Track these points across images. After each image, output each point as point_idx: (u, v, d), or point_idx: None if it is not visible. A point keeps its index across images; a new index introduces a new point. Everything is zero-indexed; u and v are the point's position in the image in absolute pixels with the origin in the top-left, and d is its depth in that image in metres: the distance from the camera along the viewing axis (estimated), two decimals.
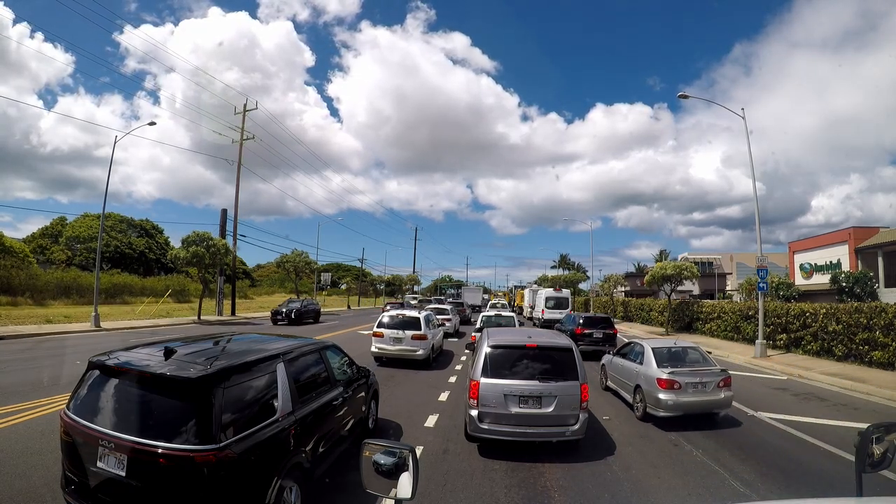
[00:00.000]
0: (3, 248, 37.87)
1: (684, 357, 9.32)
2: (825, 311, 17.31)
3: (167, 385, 3.82)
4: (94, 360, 4.23)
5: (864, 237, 35.53)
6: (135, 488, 3.59)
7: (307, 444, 4.79)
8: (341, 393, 5.96)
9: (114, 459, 3.64)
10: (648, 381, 8.83)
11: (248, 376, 4.29)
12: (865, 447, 2.29)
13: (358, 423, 6.64)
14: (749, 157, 19.06)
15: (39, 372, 11.68)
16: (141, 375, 3.93)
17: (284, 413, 4.49)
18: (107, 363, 4.13)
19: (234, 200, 38.23)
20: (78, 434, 3.87)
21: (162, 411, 3.86)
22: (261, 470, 4.01)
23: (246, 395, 4.21)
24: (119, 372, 4.05)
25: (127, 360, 4.15)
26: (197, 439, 3.58)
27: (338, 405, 5.77)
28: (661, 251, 75.95)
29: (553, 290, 37.69)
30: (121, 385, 4.00)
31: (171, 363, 4.03)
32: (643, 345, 9.86)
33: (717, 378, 8.63)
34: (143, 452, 3.55)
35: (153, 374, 3.88)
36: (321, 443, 5.15)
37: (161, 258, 57.16)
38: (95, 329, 22.30)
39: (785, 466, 6.59)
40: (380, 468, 2.18)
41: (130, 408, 3.91)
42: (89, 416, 3.90)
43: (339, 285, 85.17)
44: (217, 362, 4.13)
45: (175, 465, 3.51)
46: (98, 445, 3.70)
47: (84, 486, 3.81)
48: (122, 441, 3.62)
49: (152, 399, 3.91)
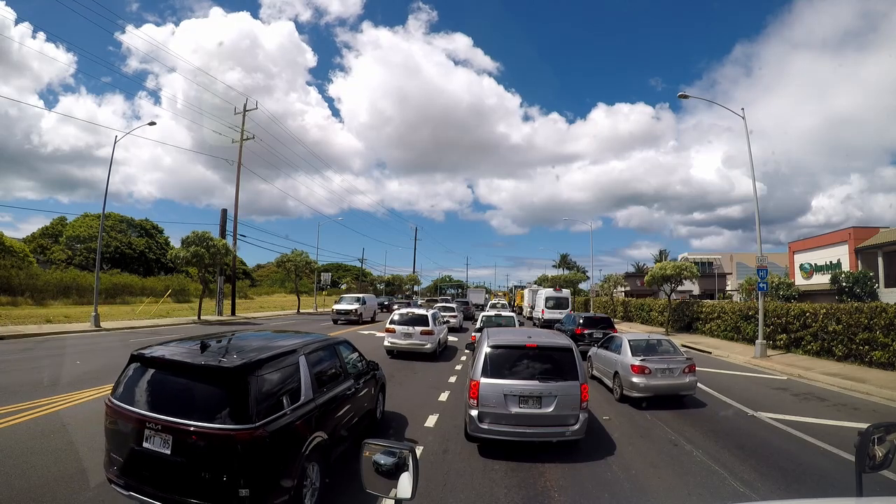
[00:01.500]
0: (3, 247, 37.87)
1: (657, 348, 10.76)
2: (825, 311, 17.31)
3: (209, 374, 4.32)
4: (136, 353, 4.71)
5: (864, 237, 35.52)
6: (178, 464, 4.01)
7: (326, 428, 5.25)
8: (353, 384, 6.50)
9: (159, 440, 4.09)
10: (624, 367, 10.26)
11: (276, 366, 4.78)
12: (865, 447, 2.29)
13: (368, 413, 7.12)
14: (749, 157, 19.08)
15: (39, 372, 11.68)
16: (183, 366, 4.42)
17: (306, 399, 5.00)
18: (149, 356, 4.61)
19: (234, 200, 38.26)
20: (123, 419, 4.31)
21: (203, 396, 4.28)
22: (288, 448, 4.49)
23: (275, 382, 4.68)
24: (162, 363, 4.53)
25: (168, 353, 4.64)
26: (235, 420, 4.05)
27: (350, 395, 6.27)
28: (660, 251, 75.98)
29: (553, 290, 37.67)
30: (163, 375, 4.49)
31: (208, 355, 4.57)
32: (622, 337, 11.31)
33: (683, 365, 10.07)
34: (187, 432, 4.01)
35: (196, 365, 4.38)
36: (337, 428, 5.66)
37: (161, 258, 57.17)
38: (95, 329, 22.30)
39: (785, 466, 6.59)
40: (380, 468, 2.18)
41: (174, 394, 4.35)
42: (135, 403, 4.34)
43: (339, 285, 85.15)
44: (250, 354, 4.66)
45: (216, 443, 3.99)
46: (144, 428, 4.13)
47: (128, 466, 4.26)
48: (169, 423, 4.06)
49: (194, 386, 4.36)
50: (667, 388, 9.90)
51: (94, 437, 6.81)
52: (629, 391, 10.02)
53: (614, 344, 11.49)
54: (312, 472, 4.85)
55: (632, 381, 9.91)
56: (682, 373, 10.00)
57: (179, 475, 4.05)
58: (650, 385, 9.78)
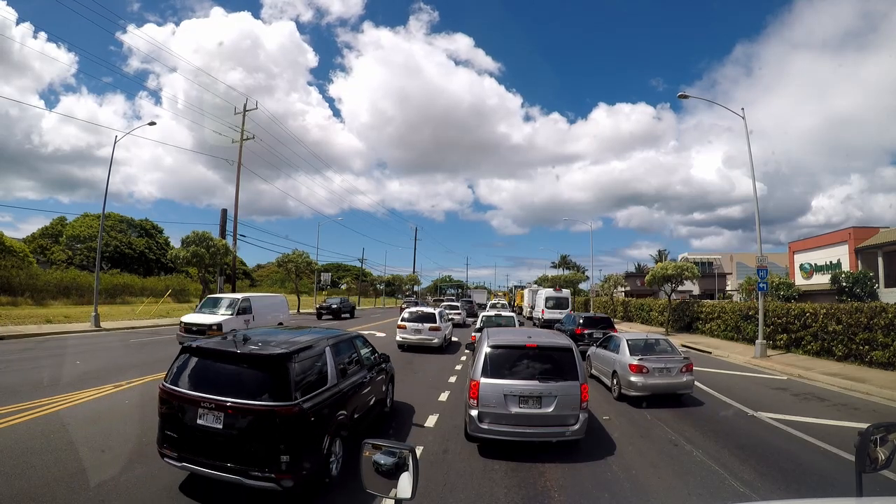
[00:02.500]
0: (4, 247, 37.86)
1: (655, 347, 10.83)
2: (825, 311, 17.30)
3: (255, 360, 5.09)
4: (186, 346, 5.46)
5: (864, 237, 35.51)
6: (228, 436, 4.72)
7: (347, 410, 6.01)
8: (368, 373, 7.31)
9: (212, 416, 4.79)
10: (622, 366, 10.36)
11: (309, 355, 5.58)
12: (865, 447, 2.28)
13: (380, 401, 7.87)
14: (749, 157, 19.08)
15: (39, 372, 11.68)
16: (233, 355, 5.19)
17: (332, 384, 5.80)
18: (200, 347, 5.35)
19: (234, 200, 38.26)
20: (179, 400, 5.00)
21: (250, 379, 4.99)
22: (319, 424, 5.21)
23: (308, 368, 5.46)
24: (212, 353, 5.29)
25: (215, 345, 5.43)
26: (278, 398, 4.80)
27: (366, 382, 7.08)
28: (660, 251, 76.00)
29: (553, 290, 37.67)
30: (213, 363, 5.23)
31: (251, 345, 5.36)
32: (620, 337, 11.42)
33: (681, 364, 10.15)
34: (238, 409, 4.73)
35: (243, 353, 5.15)
36: (356, 410, 6.45)
37: (161, 258, 57.18)
38: (95, 329, 22.30)
39: (785, 466, 6.58)
40: (380, 468, 2.18)
41: (224, 378, 5.03)
42: (188, 387, 5.02)
43: (339, 285, 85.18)
44: (288, 345, 5.43)
45: (262, 417, 4.72)
46: (199, 407, 4.82)
47: (182, 440, 4.94)
48: (221, 402, 4.76)
49: (242, 371, 5.08)
50: (664, 386, 9.98)
51: (94, 437, 6.83)
52: (627, 390, 10.11)
53: (613, 343, 11.60)
54: (336, 447, 5.62)
55: (630, 380, 10.00)
56: (679, 372, 10.09)
57: (230, 446, 4.74)
58: (648, 384, 9.87)
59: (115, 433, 7.10)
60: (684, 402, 10.27)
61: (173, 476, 5.47)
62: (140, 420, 7.79)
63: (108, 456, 6.10)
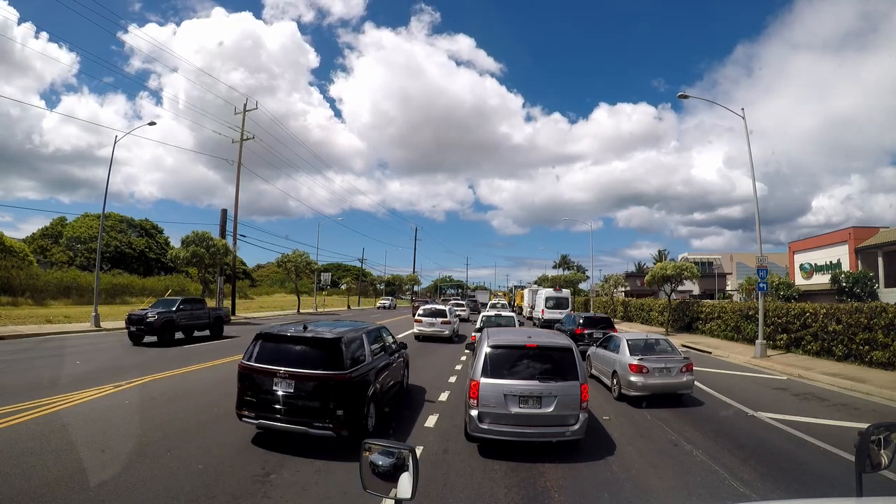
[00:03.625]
0: (4, 248, 37.87)
1: (655, 347, 10.85)
2: (825, 311, 17.30)
3: (317, 342, 6.86)
4: (260, 333, 7.16)
5: (864, 237, 35.51)
6: (297, 398, 6.46)
7: (377, 383, 7.67)
8: (391, 357, 9.00)
9: (285, 384, 6.48)
10: (622, 366, 10.38)
11: (352, 338, 7.32)
12: (865, 447, 2.28)
13: (399, 381, 9.64)
14: (749, 157, 19.09)
15: (39, 372, 11.69)
16: (300, 338, 6.93)
17: (368, 362, 7.49)
18: (272, 333, 7.09)
19: (234, 200, 38.28)
20: (256, 373, 6.68)
21: (313, 356, 6.70)
22: (361, 389, 6.94)
23: (353, 348, 7.20)
24: (283, 337, 6.99)
25: (283, 331, 7.17)
26: (334, 369, 6.58)
27: (390, 364, 8.76)
28: (660, 251, 75.98)
29: (553, 290, 37.66)
30: (284, 344, 6.90)
31: (311, 331, 7.11)
32: (620, 337, 11.45)
33: (681, 364, 10.16)
34: (306, 377, 6.50)
35: (308, 336, 6.94)
36: (384, 383, 8.12)
37: (161, 258, 57.18)
38: (96, 329, 22.30)
39: (785, 466, 6.58)
40: (379, 468, 2.17)
41: (293, 355, 6.72)
42: (265, 362, 6.69)
43: (339, 285, 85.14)
44: (338, 331, 7.28)
45: (323, 383, 6.50)
46: (274, 377, 6.50)
47: (259, 403, 6.59)
48: (293, 372, 6.49)
49: (307, 350, 6.79)
50: (664, 386, 9.98)
51: (94, 437, 6.83)
52: (627, 390, 10.13)
53: (613, 343, 11.61)
54: (371, 409, 7.20)
55: (630, 380, 10.01)
56: (679, 372, 10.09)
57: (298, 405, 6.45)
58: (648, 384, 9.88)
59: (115, 433, 7.10)
60: (684, 402, 10.27)
61: (175, 474, 5.48)
62: (140, 420, 7.80)
63: (108, 456, 6.10)
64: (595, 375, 12.32)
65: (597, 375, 12.27)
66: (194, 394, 9.95)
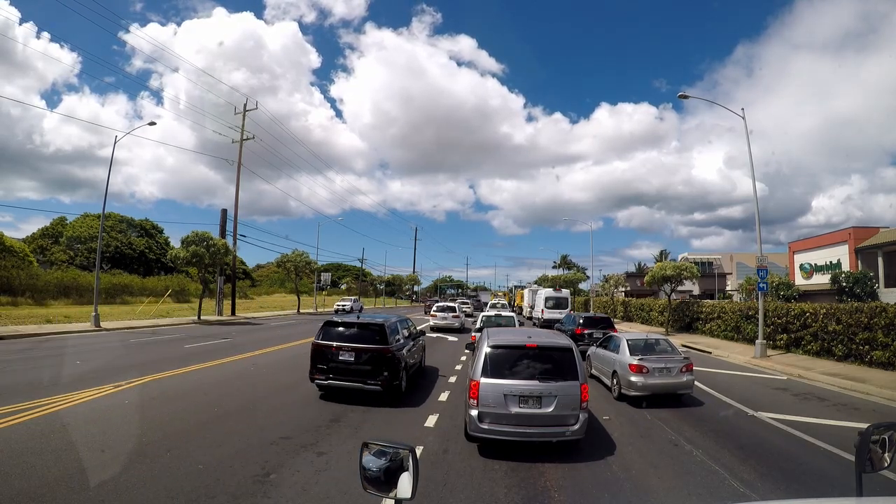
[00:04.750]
0: (4, 248, 37.87)
1: (655, 347, 10.91)
2: (825, 311, 17.30)
3: (369, 325, 9.74)
4: (328, 321, 10.09)
5: (864, 237, 35.52)
6: (356, 364, 9.28)
7: (407, 357, 10.55)
8: (414, 340, 11.81)
9: (347, 355, 9.32)
10: (622, 366, 10.43)
11: (392, 324, 10.28)
12: (865, 447, 2.28)
13: (418, 361, 12.39)
14: (749, 157, 19.09)
15: (39, 372, 11.69)
16: (357, 323, 9.89)
17: (402, 342, 10.41)
18: (336, 321, 10.04)
19: (234, 200, 38.29)
20: (326, 348, 9.47)
21: (367, 334, 9.59)
22: (398, 359, 9.70)
23: (392, 331, 10.04)
24: (345, 323, 9.95)
25: (344, 319, 10.27)
26: (382, 343, 9.41)
27: (413, 345, 11.46)
28: (660, 251, 75.92)
29: (553, 290, 37.69)
30: (345, 327, 9.80)
31: (363, 318, 10.15)
32: (620, 337, 11.53)
33: (681, 364, 10.21)
34: (362, 350, 9.32)
35: (364, 322, 9.89)
36: (410, 357, 10.90)
37: (161, 258, 57.17)
38: (95, 329, 22.30)
39: (785, 466, 6.58)
40: (379, 468, 2.17)
41: (352, 334, 9.64)
42: (331, 340, 9.55)
43: (339, 285, 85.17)
44: (382, 318, 10.19)
45: (374, 353, 9.32)
46: (338, 350, 9.34)
47: (328, 369, 9.38)
48: (353, 346, 9.36)
49: (361, 331, 9.66)
50: (664, 386, 9.99)
51: (94, 437, 6.82)
52: (627, 390, 10.15)
53: (613, 343, 11.62)
54: (403, 375, 9.91)
55: (630, 380, 10.02)
56: (679, 372, 10.11)
57: (356, 370, 9.32)
58: (648, 384, 9.89)
59: (114, 433, 7.09)
60: (684, 402, 10.27)
61: (175, 474, 5.49)
62: (140, 420, 7.80)
63: (107, 456, 6.09)
64: (595, 375, 12.32)
65: (597, 375, 12.27)
66: (194, 394, 9.95)
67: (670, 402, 10.06)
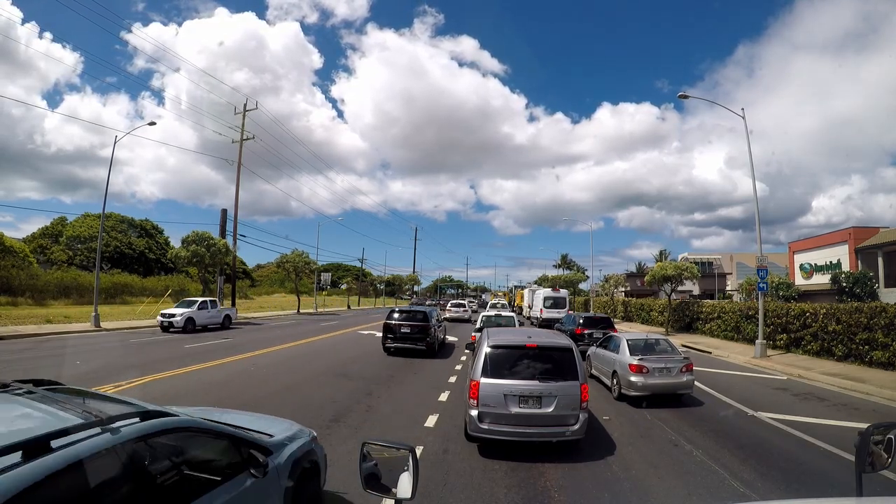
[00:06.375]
0: (4, 247, 37.85)
1: (655, 347, 10.91)
2: (825, 311, 17.30)
3: (420, 313, 17.18)
4: (392, 309, 18.19)
5: (864, 237, 35.51)
6: (412, 333, 16.46)
7: (438, 333, 17.94)
8: (440, 322, 19.08)
9: (408, 328, 16.53)
10: (622, 366, 10.42)
11: (431, 310, 18.20)
12: (865, 447, 2.28)
13: (442, 339, 18.66)
14: (749, 157, 19.09)
15: (39, 373, 11.67)
16: (411, 311, 17.55)
17: (435, 322, 17.77)
18: (397, 310, 17.57)
19: (234, 200, 38.29)
20: (393, 325, 16.62)
21: (417, 317, 16.88)
22: (436, 331, 17.32)
23: (432, 315, 17.48)
24: (403, 311, 17.44)
25: (401, 308, 18.16)
26: (427, 322, 16.72)
27: (439, 324, 18.49)
28: (661, 251, 75.82)
29: (551, 290, 37.72)
30: (404, 313, 17.23)
31: (413, 308, 18.28)
32: (620, 337, 11.54)
33: (681, 364, 10.19)
34: (415, 325, 16.61)
35: (415, 310, 17.67)
36: (440, 334, 18.39)
37: (161, 258, 57.18)
38: (95, 329, 22.30)
39: (785, 466, 6.58)
40: (379, 468, 2.17)
41: (408, 317, 16.97)
42: (395, 320, 16.76)
43: (339, 285, 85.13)
44: (424, 308, 18.14)
45: (422, 327, 16.56)
46: (402, 326, 16.57)
47: (394, 337, 16.52)
48: (410, 323, 16.66)
49: (414, 315, 17.05)
50: (664, 386, 9.99)
51: None
52: (627, 390, 10.14)
53: (613, 343, 11.63)
54: (437, 341, 17.45)
55: (630, 380, 10.02)
56: (679, 372, 10.10)
57: (412, 336, 16.35)
58: (648, 384, 9.88)
59: None
60: (684, 402, 10.27)
61: None
62: None
63: None
64: (595, 375, 12.32)
65: (597, 375, 12.28)
66: (195, 394, 9.94)
67: (670, 402, 10.05)
